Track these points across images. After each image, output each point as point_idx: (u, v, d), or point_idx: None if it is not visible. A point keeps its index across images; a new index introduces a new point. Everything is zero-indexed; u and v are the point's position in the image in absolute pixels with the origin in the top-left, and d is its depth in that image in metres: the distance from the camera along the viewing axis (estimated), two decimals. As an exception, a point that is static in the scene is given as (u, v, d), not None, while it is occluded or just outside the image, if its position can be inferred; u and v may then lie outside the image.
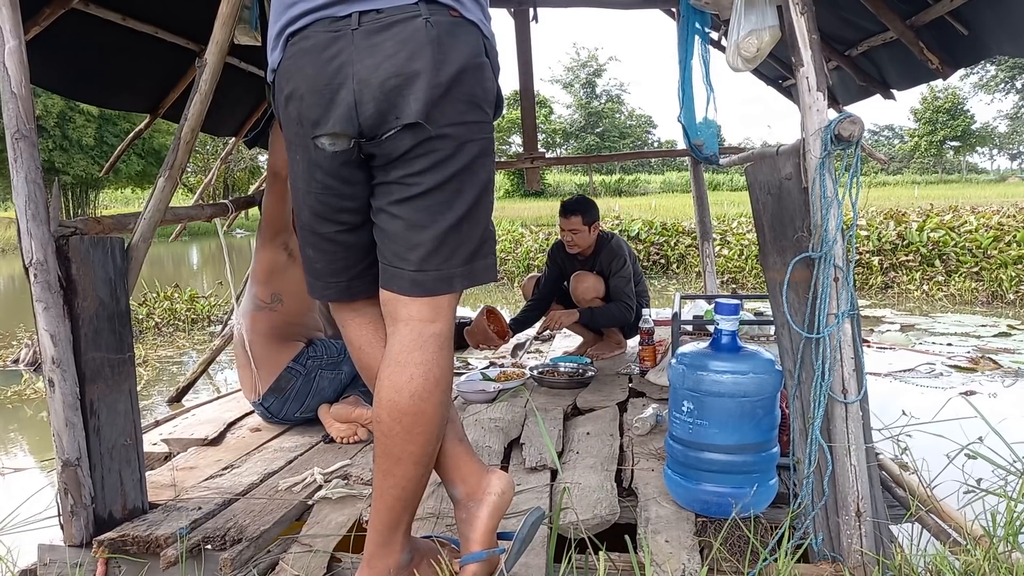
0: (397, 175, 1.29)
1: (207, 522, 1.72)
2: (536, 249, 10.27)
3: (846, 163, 1.48)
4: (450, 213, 1.29)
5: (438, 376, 1.31)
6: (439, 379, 1.32)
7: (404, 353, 1.31)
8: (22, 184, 1.55)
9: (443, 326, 1.34)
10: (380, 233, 1.34)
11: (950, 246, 7.95)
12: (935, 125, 49.51)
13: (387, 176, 1.30)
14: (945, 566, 1.37)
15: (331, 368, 2.50)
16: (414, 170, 1.27)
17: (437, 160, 1.27)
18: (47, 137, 22.12)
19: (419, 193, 1.28)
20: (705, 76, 2.79)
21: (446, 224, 1.29)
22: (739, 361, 1.69)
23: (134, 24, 2.75)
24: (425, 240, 1.29)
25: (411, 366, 1.30)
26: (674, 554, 1.54)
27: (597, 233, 3.68)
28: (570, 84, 54.18)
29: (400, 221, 1.30)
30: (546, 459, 2.08)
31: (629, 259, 3.65)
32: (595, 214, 3.66)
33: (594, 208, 3.69)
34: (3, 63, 1.53)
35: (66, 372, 1.61)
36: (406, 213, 1.30)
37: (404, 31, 1.23)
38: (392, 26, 1.23)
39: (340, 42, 1.23)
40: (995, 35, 2.47)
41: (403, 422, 1.28)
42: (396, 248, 1.32)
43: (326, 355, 2.51)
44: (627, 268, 3.59)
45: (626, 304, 3.54)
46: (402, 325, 1.33)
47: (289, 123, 1.31)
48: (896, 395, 3.74)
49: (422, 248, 1.30)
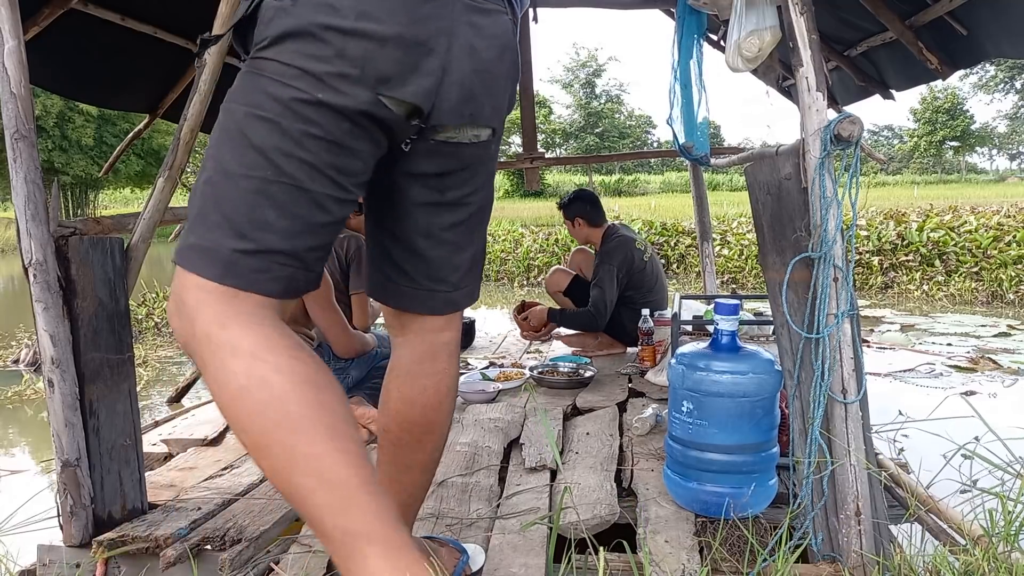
0: (454, 195, 1.17)
1: (207, 522, 1.72)
2: (536, 249, 10.27)
3: (846, 163, 1.48)
4: (482, 230, 1.26)
5: (449, 386, 1.30)
6: (450, 388, 1.30)
7: (415, 364, 1.26)
8: (21, 184, 1.55)
9: (454, 335, 1.31)
10: (414, 257, 1.20)
11: (950, 246, 7.95)
12: (935, 125, 49.54)
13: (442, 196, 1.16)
14: (944, 566, 1.37)
15: (339, 372, 2.51)
16: (470, 190, 1.18)
17: (487, 177, 1.20)
18: (46, 137, 22.11)
19: (470, 215, 1.20)
20: (699, 77, 2.79)
21: (481, 243, 1.26)
22: (739, 361, 1.69)
23: (133, 24, 2.75)
24: (465, 260, 1.23)
25: (423, 377, 1.26)
26: (673, 554, 1.54)
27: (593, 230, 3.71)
28: (570, 84, 54.21)
29: (449, 247, 1.20)
30: (546, 459, 2.08)
31: (618, 263, 3.54)
32: (576, 209, 3.69)
33: (577, 203, 3.70)
34: (2, 63, 1.53)
35: (65, 372, 1.61)
36: (456, 237, 1.20)
37: (498, 25, 1.11)
38: (491, 13, 1.10)
39: (446, 4, 1.05)
40: (993, 36, 2.47)
41: (413, 432, 1.27)
42: (433, 271, 1.21)
43: (333, 359, 2.51)
44: (605, 271, 3.51)
45: (593, 312, 3.47)
46: (413, 335, 1.27)
47: (321, 57, 0.98)
48: (896, 395, 3.74)
49: (462, 269, 1.23)
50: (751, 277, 8.61)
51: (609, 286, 3.50)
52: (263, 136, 0.98)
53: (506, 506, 1.82)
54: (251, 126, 0.99)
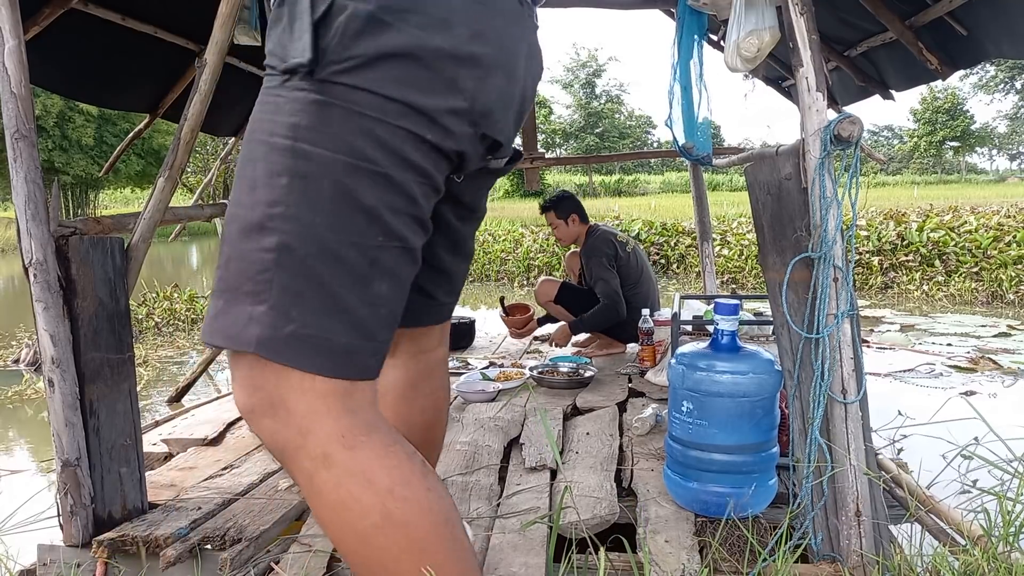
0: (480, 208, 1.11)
1: (207, 522, 1.72)
2: (536, 249, 10.27)
3: (845, 163, 1.48)
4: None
5: (445, 399, 1.29)
6: (446, 400, 1.30)
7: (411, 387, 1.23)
8: (22, 184, 1.55)
9: (446, 349, 1.29)
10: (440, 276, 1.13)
11: (950, 246, 7.95)
12: (935, 125, 49.54)
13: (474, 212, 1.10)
14: (944, 566, 1.37)
15: None
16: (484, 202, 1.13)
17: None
18: (46, 137, 22.11)
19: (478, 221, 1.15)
20: (699, 77, 2.79)
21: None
22: (739, 361, 1.69)
23: (134, 24, 2.75)
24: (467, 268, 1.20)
25: (420, 398, 1.24)
26: (673, 554, 1.54)
27: (583, 227, 3.74)
28: (570, 84, 54.19)
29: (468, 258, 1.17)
30: (546, 459, 2.08)
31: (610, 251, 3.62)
32: (569, 207, 3.73)
33: (567, 202, 3.76)
34: (3, 63, 1.53)
35: (66, 372, 1.61)
36: (471, 247, 1.16)
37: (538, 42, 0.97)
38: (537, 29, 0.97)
39: (524, 21, 0.92)
40: (993, 36, 2.47)
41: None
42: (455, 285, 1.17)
43: None
44: (596, 263, 3.58)
45: (608, 303, 3.50)
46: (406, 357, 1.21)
47: (430, 90, 0.82)
48: (896, 395, 3.74)
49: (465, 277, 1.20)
50: (751, 277, 8.61)
51: (609, 275, 3.56)
52: (375, 194, 0.81)
53: (506, 505, 1.82)
54: (359, 183, 0.80)
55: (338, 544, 0.86)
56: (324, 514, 0.84)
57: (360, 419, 0.83)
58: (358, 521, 0.82)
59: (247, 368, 0.82)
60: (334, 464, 0.81)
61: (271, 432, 0.83)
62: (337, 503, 0.82)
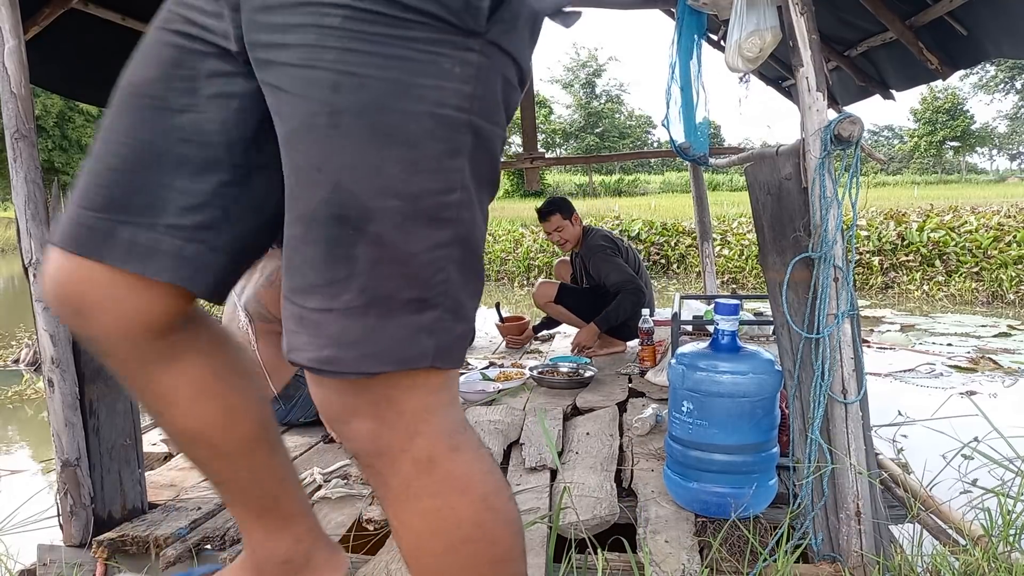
0: None
1: (207, 522, 1.72)
2: (536, 249, 10.27)
3: (846, 163, 1.48)
4: None
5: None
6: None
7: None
8: (21, 184, 1.55)
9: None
10: None
11: (950, 246, 7.96)
12: (935, 125, 49.55)
13: None
14: (944, 566, 1.37)
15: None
16: None
17: None
18: (46, 137, 22.14)
19: None
20: (699, 77, 2.79)
21: None
22: (739, 361, 1.69)
23: (134, 24, 2.75)
24: None
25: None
26: (674, 554, 1.54)
27: (581, 226, 3.78)
28: (570, 84, 54.19)
29: None
30: (546, 459, 2.08)
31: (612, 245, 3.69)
32: (569, 207, 3.80)
33: (567, 202, 3.82)
34: (3, 63, 1.53)
35: (66, 372, 1.61)
36: None
37: None
38: None
39: None
40: (993, 36, 2.47)
41: None
42: None
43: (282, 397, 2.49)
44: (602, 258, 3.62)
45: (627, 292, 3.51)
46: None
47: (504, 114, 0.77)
48: (896, 395, 3.74)
49: None
50: (751, 277, 8.61)
51: (619, 262, 3.60)
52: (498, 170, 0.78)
53: (506, 506, 1.82)
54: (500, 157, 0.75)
55: (417, 553, 0.80)
56: (414, 521, 0.77)
57: (457, 414, 0.79)
58: (452, 531, 0.77)
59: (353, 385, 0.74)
60: (437, 468, 0.76)
61: (372, 436, 0.74)
62: (431, 510, 0.76)
